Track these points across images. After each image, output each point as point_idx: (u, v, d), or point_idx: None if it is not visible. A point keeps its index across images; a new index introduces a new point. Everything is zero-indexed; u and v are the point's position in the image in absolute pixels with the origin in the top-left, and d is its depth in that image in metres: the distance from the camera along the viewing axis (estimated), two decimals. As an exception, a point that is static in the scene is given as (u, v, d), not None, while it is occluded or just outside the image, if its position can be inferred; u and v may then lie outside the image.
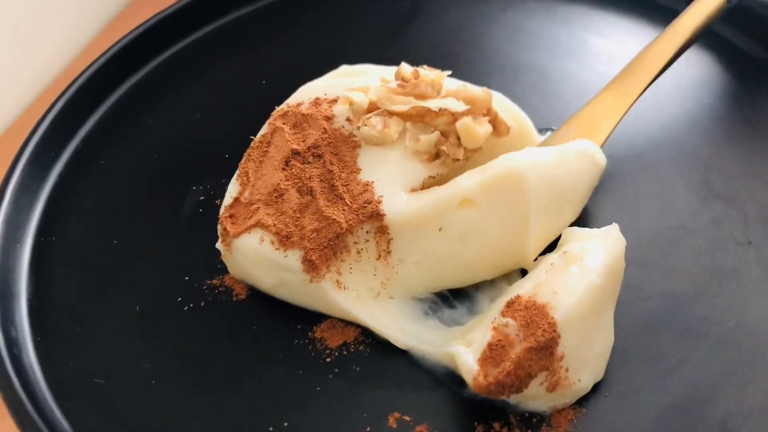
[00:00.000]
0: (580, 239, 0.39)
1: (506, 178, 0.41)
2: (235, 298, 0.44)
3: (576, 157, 0.43)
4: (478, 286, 0.43)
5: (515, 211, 0.41)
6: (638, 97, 0.48)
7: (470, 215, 0.41)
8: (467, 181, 0.41)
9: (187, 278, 0.45)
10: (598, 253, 0.38)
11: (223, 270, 0.45)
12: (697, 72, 0.53)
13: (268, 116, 0.48)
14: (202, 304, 0.44)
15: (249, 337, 0.42)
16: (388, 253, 0.41)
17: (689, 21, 0.50)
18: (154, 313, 0.44)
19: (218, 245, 0.44)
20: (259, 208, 0.42)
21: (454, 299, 0.42)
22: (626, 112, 0.47)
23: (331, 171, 0.42)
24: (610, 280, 0.38)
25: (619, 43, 0.56)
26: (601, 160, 0.45)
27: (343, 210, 0.41)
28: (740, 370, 0.39)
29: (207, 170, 0.51)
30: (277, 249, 0.41)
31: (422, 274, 0.42)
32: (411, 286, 0.42)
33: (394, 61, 0.55)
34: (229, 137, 0.52)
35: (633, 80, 0.48)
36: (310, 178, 0.42)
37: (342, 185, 0.41)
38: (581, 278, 0.37)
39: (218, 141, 0.53)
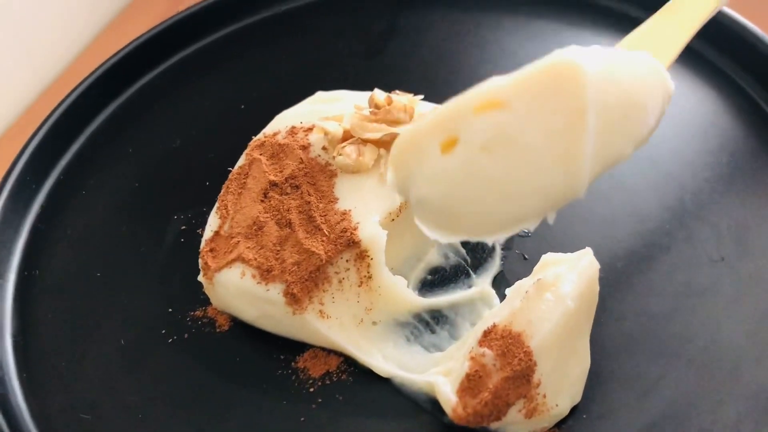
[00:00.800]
0: (553, 265, 0.40)
1: (555, 70, 0.30)
2: (218, 330, 0.44)
3: (645, 68, 0.34)
4: (458, 311, 0.43)
5: (567, 111, 0.30)
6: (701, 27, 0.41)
7: (499, 119, 0.30)
8: (496, 81, 0.31)
9: (170, 310, 0.46)
10: (571, 279, 0.39)
11: (206, 301, 0.45)
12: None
13: (246, 142, 0.49)
14: (186, 336, 0.44)
15: (233, 368, 0.43)
16: (369, 278, 0.42)
17: None
18: (139, 346, 0.44)
19: (200, 278, 0.44)
20: (239, 241, 0.42)
21: (435, 324, 0.43)
22: (686, 44, 0.40)
23: (309, 202, 0.42)
24: (584, 306, 0.39)
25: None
26: (671, 84, 0.36)
27: (322, 241, 0.41)
28: (714, 387, 0.39)
29: (188, 198, 0.51)
30: (258, 283, 0.41)
31: (435, 214, 0.32)
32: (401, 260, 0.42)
33: (371, 84, 0.56)
34: (208, 164, 0.53)
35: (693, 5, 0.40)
36: (288, 210, 0.42)
37: (320, 215, 0.42)
38: (555, 306, 0.38)
39: (198, 168, 0.53)
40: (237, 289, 0.42)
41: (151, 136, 0.56)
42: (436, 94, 0.54)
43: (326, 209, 0.42)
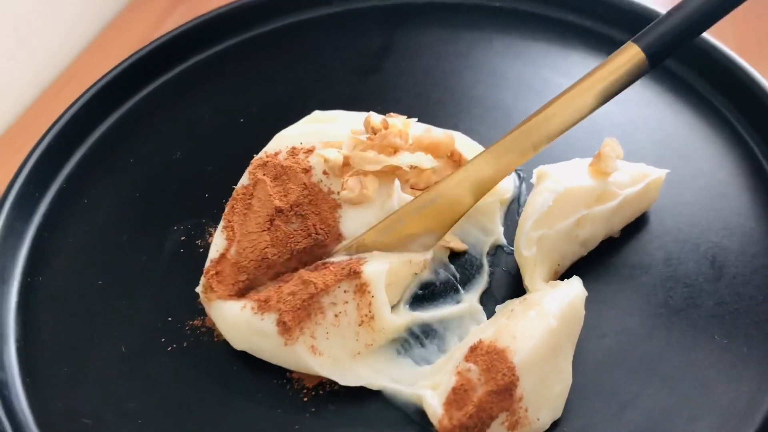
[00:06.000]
0: (542, 288, 0.42)
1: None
2: (216, 339, 0.46)
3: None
4: (447, 325, 0.45)
5: None
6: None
7: None
8: None
9: (170, 319, 0.47)
10: (556, 299, 0.41)
11: (204, 311, 0.47)
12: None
13: (244, 156, 0.50)
14: (185, 344, 0.46)
15: (229, 377, 0.44)
16: (372, 318, 0.43)
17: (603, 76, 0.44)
18: (138, 353, 0.46)
19: (198, 290, 0.46)
20: (246, 278, 0.44)
21: (424, 338, 0.45)
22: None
23: (317, 239, 0.45)
24: (568, 323, 0.41)
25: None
26: None
27: (324, 274, 0.43)
28: (688, 404, 0.42)
29: (187, 210, 0.53)
30: (255, 313, 0.42)
31: None
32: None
33: (366, 101, 0.58)
34: (207, 177, 0.55)
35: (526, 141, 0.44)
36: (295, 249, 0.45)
37: (326, 255, 0.45)
38: (539, 323, 0.40)
39: (197, 180, 0.55)
40: (234, 319, 0.43)
41: (152, 147, 0.58)
42: (430, 113, 0.56)
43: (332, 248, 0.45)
